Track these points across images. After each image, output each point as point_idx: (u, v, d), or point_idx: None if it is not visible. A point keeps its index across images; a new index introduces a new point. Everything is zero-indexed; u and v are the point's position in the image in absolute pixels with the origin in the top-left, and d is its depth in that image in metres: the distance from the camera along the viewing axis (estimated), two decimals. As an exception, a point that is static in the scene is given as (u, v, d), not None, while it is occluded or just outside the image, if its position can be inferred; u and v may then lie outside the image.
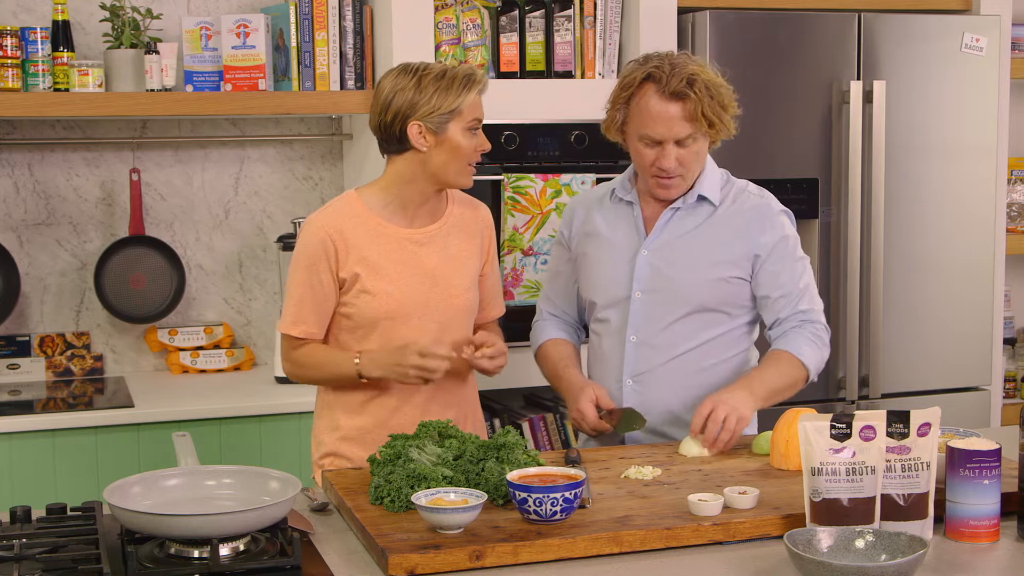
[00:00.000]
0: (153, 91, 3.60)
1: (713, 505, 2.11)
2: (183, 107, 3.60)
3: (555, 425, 3.76)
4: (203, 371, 3.90)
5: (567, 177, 3.60)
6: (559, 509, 2.04)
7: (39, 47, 3.52)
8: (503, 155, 3.59)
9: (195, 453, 2.29)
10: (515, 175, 3.57)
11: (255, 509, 1.98)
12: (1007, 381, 4.55)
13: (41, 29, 3.53)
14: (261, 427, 3.50)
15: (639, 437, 2.73)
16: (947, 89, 3.93)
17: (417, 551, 1.94)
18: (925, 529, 2.03)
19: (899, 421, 2.03)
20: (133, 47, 3.65)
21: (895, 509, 2.03)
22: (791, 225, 2.75)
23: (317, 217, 2.70)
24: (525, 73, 3.73)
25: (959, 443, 2.08)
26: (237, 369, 3.94)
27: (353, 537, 2.14)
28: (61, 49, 3.56)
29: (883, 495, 2.02)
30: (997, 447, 2.06)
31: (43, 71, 3.53)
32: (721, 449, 2.53)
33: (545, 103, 3.68)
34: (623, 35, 3.79)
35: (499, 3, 3.71)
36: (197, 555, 1.96)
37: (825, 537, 1.89)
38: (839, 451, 2.01)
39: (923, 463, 2.02)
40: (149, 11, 3.72)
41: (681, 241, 2.72)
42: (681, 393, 2.72)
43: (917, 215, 3.94)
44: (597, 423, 2.69)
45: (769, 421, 2.54)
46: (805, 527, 2.00)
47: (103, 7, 3.69)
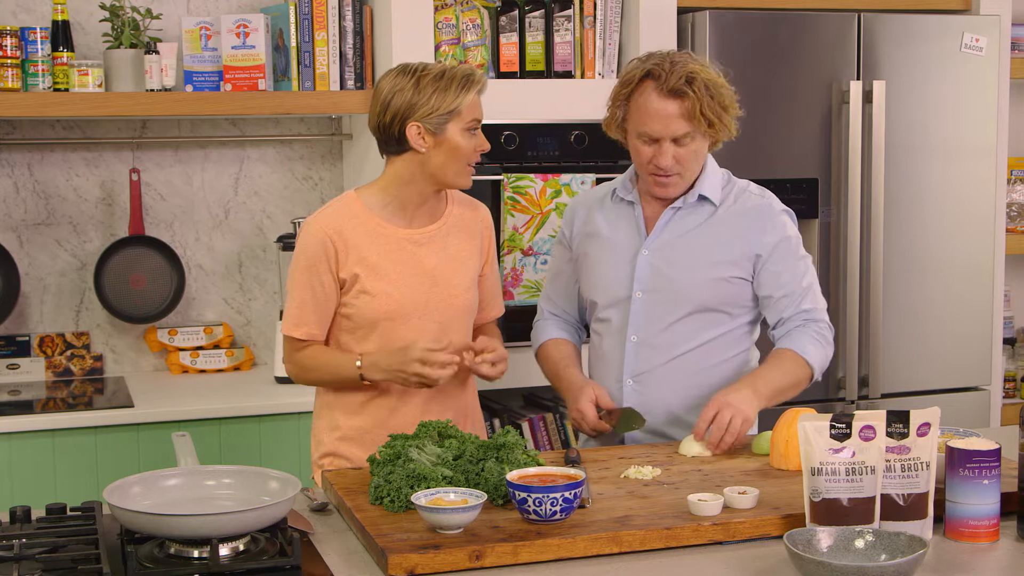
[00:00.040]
0: (153, 91, 3.60)
1: (713, 505, 2.11)
2: (183, 107, 3.60)
3: (555, 425, 3.75)
4: (203, 371, 3.90)
5: (567, 177, 3.60)
6: (559, 509, 2.04)
7: (39, 47, 3.52)
8: (503, 155, 3.59)
9: (195, 453, 2.29)
10: (515, 175, 3.57)
11: (255, 509, 1.98)
12: (1007, 381, 4.54)
13: (41, 29, 3.53)
14: (261, 427, 3.50)
15: (639, 437, 2.73)
16: (947, 89, 3.93)
17: (417, 551, 1.94)
18: (925, 529, 2.03)
19: (899, 421, 2.03)
20: (133, 47, 3.65)
21: (895, 509, 2.03)
22: (793, 225, 2.74)
23: (316, 218, 2.70)
24: (525, 73, 3.73)
25: (959, 443, 2.08)
26: (237, 369, 3.94)
27: (353, 537, 2.14)
28: (61, 49, 3.56)
29: (883, 495, 2.02)
30: (997, 447, 2.06)
31: (43, 71, 3.53)
32: (723, 450, 2.53)
33: (545, 103, 3.68)
34: (623, 35, 3.78)
35: (499, 3, 3.70)
36: (197, 555, 1.96)
37: (825, 537, 1.89)
38: (839, 451, 2.01)
39: (923, 463, 2.02)
40: (149, 11, 3.72)
41: (682, 241, 2.71)
42: (681, 393, 2.72)
43: (917, 215, 3.93)
44: (597, 423, 2.69)
45: (769, 421, 2.54)
46: (805, 527, 2.00)
47: (103, 7, 3.69)
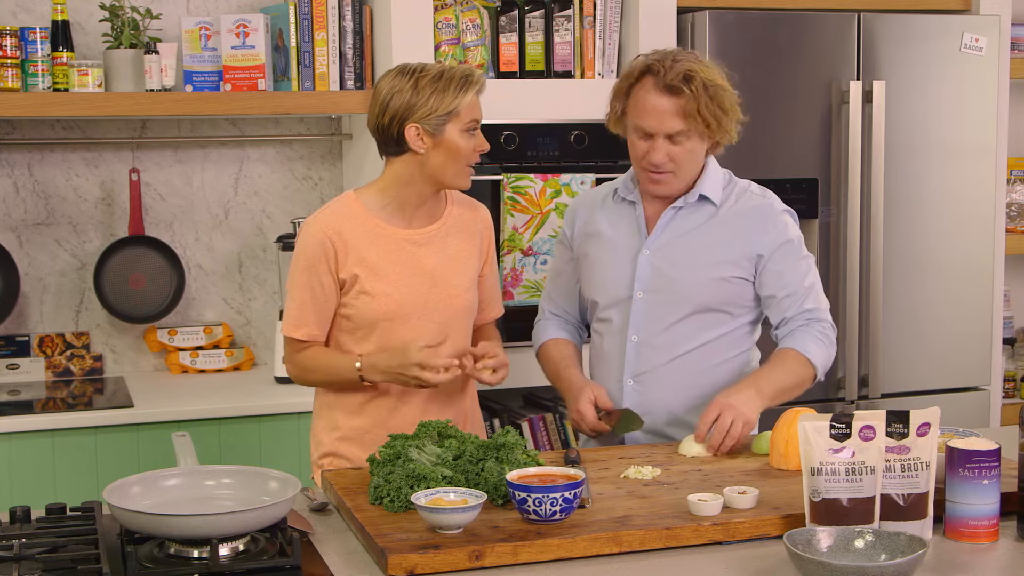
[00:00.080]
0: (152, 91, 3.60)
1: (713, 505, 2.11)
2: (183, 107, 3.60)
3: (554, 425, 3.75)
4: (203, 371, 3.90)
5: (567, 177, 3.60)
6: (559, 509, 2.04)
7: (39, 47, 3.52)
8: (503, 155, 3.59)
9: (194, 453, 2.29)
10: (514, 175, 3.57)
11: (255, 509, 1.98)
12: (1006, 381, 4.55)
13: (40, 29, 3.53)
14: (260, 427, 3.50)
15: (639, 437, 2.73)
16: (947, 89, 3.93)
17: (417, 551, 1.94)
18: (925, 529, 2.03)
19: (898, 421, 2.03)
20: (132, 47, 3.65)
21: (895, 509, 2.03)
22: (794, 225, 2.74)
23: (315, 219, 2.70)
24: (525, 73, 3.73)
25: (959, 443, 2.08)
26: (237, 369, 3.94)
27: (352, 537, 2.14)
28: (60, 49, 3.56)
29: (883, 495, 2.02)
30: (996, 447, 2.06)
31: (43, 71, 3.53)
32: (723, 453, 2.53)
33: (545, 103, 3.68)
34: (623, 35, 3.78)
35: (499, 3, 3.70)
36: (197, 555, 1.96)
37: (825, 537, 1.89)
38: (839, 451, 2.01)
39: (923, 463, 2.02)
40: (148, 11, 3.72)
41: (682, 241, 2.71)
42: (682, 394, 2.72)
43: (917, 215, 3.93)
44: (596, 424, 2.69)
45: (769, 421, 2.54)
46: (805, 527, 2.00)
47: (103, 7, 3.69)
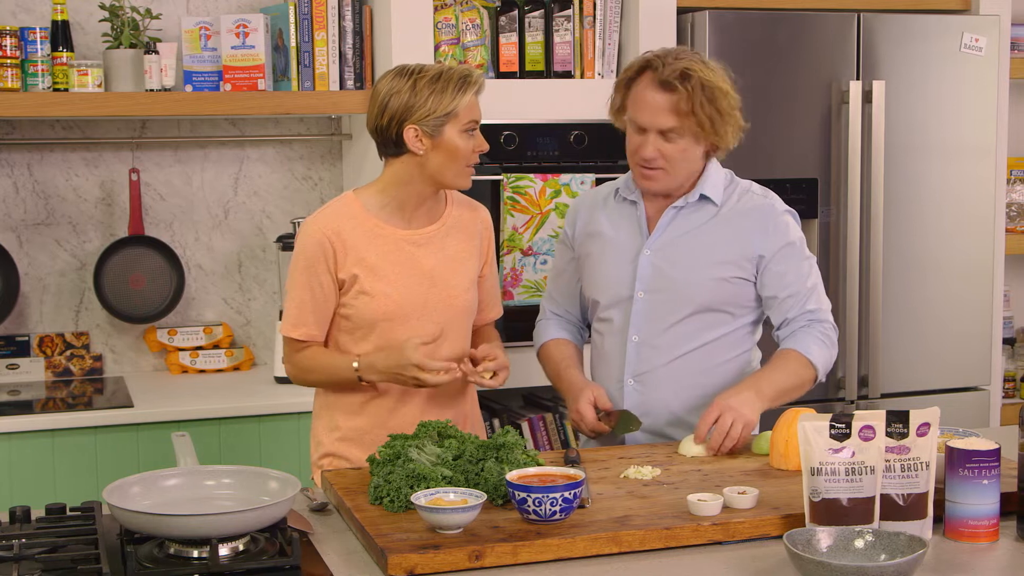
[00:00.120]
0: (152, 91, 3.60)
1: (712, 505, 2.11)
2: (182, 107, 3.60)
3: (554, 425, 3.75)
4: (202, 371, 3.90)
5: (566, 177, 3.60)
6: (558, 509, 2.04)
7: (38, 47, 3.52)
8: (502, 155, 3.59)
9: (194, 453, 2.29)
10: (514, 175, 3.57)
11: (254, 509, 1.98)
12: (1006, 381, 4.55)
13: (40, 29, 3.53)
14: (260, 427, 3.50)
15: (639, 437, 2.72)
16: (946, 89, 3.93)
17: (416, 551, 1.94)
18: (924, 529, 2.03)
19: (898, 421, 2.03)
20: (132, 47, 3.65)
21: (894, 509, 2.03)
22: (796, 225, 2.73)
23: (315, 219, 2.70)
24: (524, 73, 3.73)
25: (958, 443, 2.08)
26: (236, 369, 3.94)
27: (352, 537, 2.14)
28: (60, 49, 3.56)
29: (882, 495, 2.02)
30: (996, 447, 2.06)
31: (42, 71, 3.53)
32: (723, 454, 2.53)
33: (544, 103, 3.68)
34: (622, 35, 3.78)
35: (498, 3, 3.70)
36: (196, 555, 1.96)
37: (824, 537, 1.89)
38: (838, 451, 2.01)
39: (922, 463, 2.02)
40: (148, 11, 3.72)
41: (683, 240, 2.71)
42: (682, 394, 2.72)
43: (916, 215, 3.93)
44: (595, 424, 2.68)
45: (769, 421, 2.54)
46: (804, 527, 2.00)
47: (102, 7, 3.69)
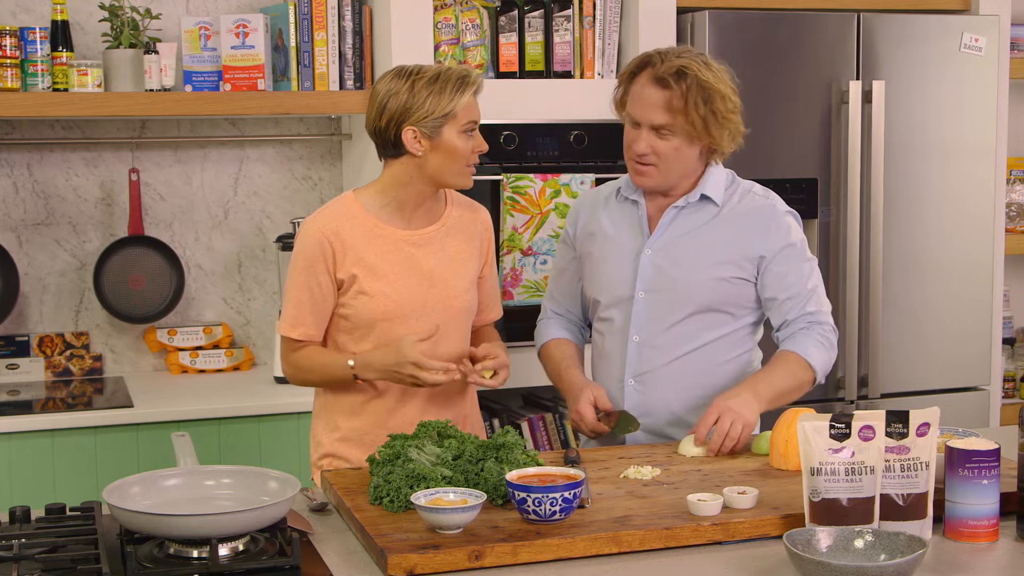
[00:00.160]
0: (152, 91, 3.60)
1: (712, 505, 2.11)
2: (182, 107, 3.60)
3: (554, 425, 3.75)
4: (202, 371, 3.90)
5: (566, 177, 3.60)
6: (558, 509, 2.04)
7: (38, 47, 3.52)
8: (502, 155, 3.59)
9: (194, 453, 2.29)
10: (514, 175, 3.57)
11: (254, 509, 1.98)
12: (1006, 381, 4.55)
13: (40, 29, 3.53)
14: (260, 427, 3.50)
15: (639, 437, 2.72)
16: (946, 89, 3.93)
17: (416, 551, 1.94)
18: (924, 529, 2.03)
19: (898, 421, 2.03)
20: (132, 47, 3.65)
21: (894, 509, 2.03)
22: (798, 226, 2.73)
23: (314, 219, 2.70)
24: (524, 73, 3.73)
25: (958, 443, 2.08)
26: (236, 369, 3.94)
27: (352, 537, 2.14)
28: (60, 49, 3.56)
29: (882, 495, 2.02)
30: (996, 447, 2.06)
31: (42, 71, 3.53)
32: (723, 454, 2.52)
33: (544, 103, 3.68)
34: (622, 35, 3.78)
35: (498, 3, 3.70)
36: (196, 555, 1.96)
37: (824, 537, 1.89)
38: (838, 451, 2.01)
39: (922, 463, 2.02)
40: (148, 11, 3.72)
41: (684, 240, 2.70)
42: (683, 394, 2.72)
43: (916, 215, 3.93)
44: (595, 425, 2.68)
45: (768, 421, 2.54)
46: (804, 527, 2.00)
47: (102, 7, 3.69)
